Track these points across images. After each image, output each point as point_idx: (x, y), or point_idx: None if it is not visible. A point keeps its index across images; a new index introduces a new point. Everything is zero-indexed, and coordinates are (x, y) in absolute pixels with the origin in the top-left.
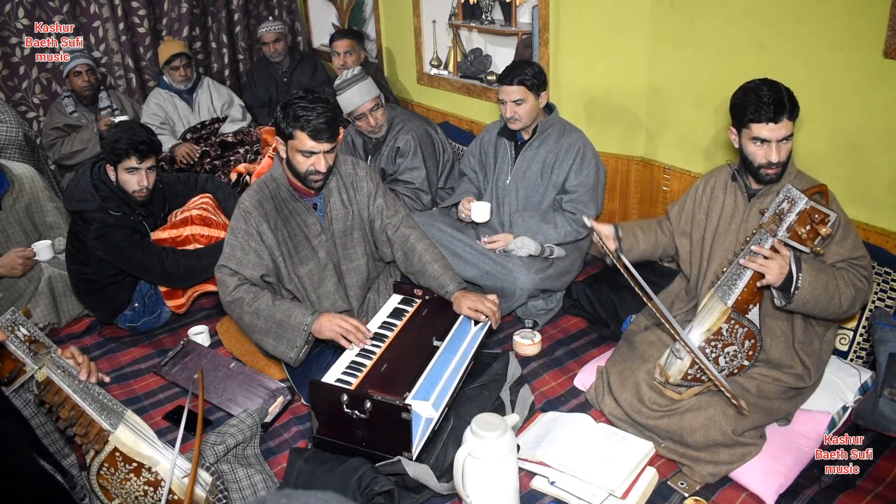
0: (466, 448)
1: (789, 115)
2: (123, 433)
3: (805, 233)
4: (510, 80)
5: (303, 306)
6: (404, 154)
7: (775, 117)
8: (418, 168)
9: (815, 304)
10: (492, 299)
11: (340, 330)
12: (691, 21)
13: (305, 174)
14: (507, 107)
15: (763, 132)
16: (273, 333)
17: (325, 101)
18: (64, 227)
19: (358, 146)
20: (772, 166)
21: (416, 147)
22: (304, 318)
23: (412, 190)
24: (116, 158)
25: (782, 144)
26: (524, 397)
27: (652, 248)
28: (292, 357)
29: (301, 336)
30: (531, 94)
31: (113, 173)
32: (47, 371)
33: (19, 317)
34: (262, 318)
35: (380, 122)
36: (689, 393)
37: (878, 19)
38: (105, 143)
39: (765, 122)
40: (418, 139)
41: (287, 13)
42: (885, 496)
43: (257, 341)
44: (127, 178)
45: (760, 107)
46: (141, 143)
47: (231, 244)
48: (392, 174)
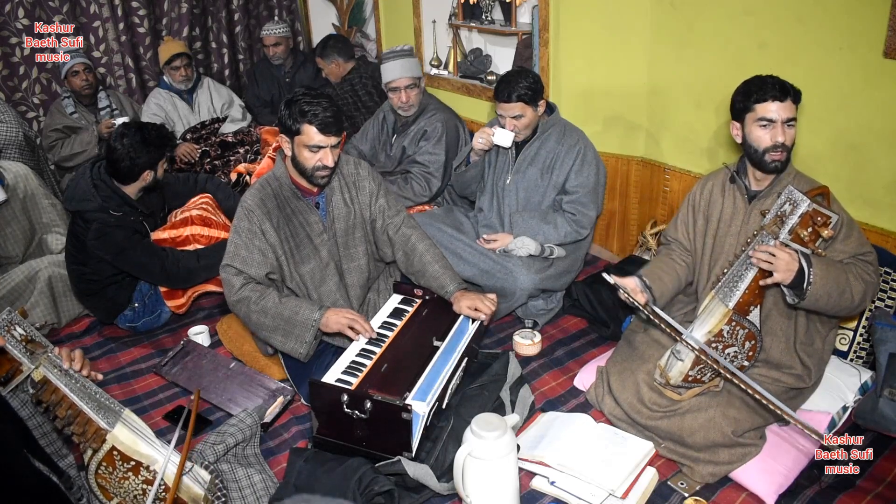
0: (466, 448)
1: (793, 98)
2: (121, 432)
3: (807, 235)
4: (507, 96)
5: (309, 302)
6: (429, 138)
7: (780, 96)
8: (438, 154)
9: (828, 300)
10: (491, 298)
11: (346, 321)
12: (691, 21)
13: (312, 170)
14: (506, 121)
15: (769, 111)
16: (282, 330)
17: (328, 97)
18: (60, 225)
19: (388, 122)
20: (778, 149)
21: (442, 135)
22: (312, 313)
23: (425, 173)
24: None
25: (787, 127)
26: (524, 397)
27: (676, 286)
28: (302, 353)
29: (310, 332)
30: (529, 108)
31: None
32: (44, 370)
33: (15, 316)
34: (270, 317)
35: (411, 101)
36: (689, 394)
37: (878, 19)
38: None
39: (770, 101)
40: (446, 128)
41: (287, 13)
42: (886, 496)
43: (265, 339)
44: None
45: (765, 86)
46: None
47: (235, 243)
48: (411, 155)
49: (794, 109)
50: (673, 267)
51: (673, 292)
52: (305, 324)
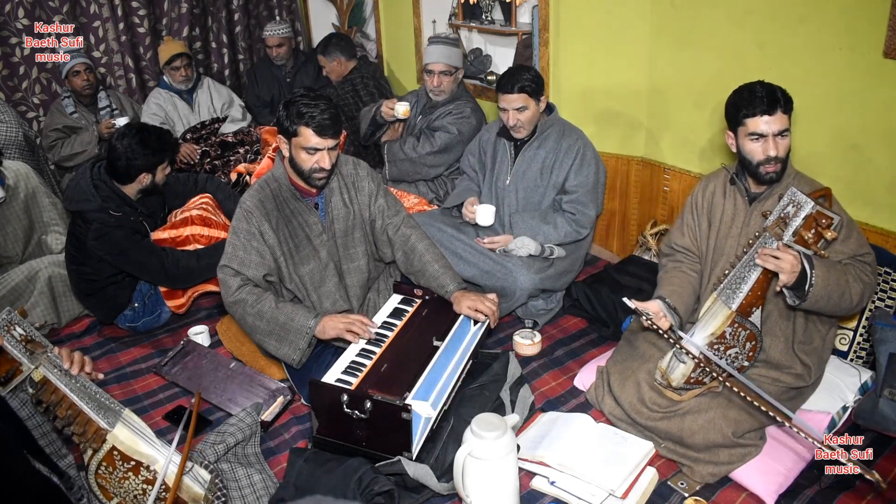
0: (466, 448)
1: (783, 108)
2: (121, 432)
3: (810, 237)
4: (510, 87)
5: (305, 309)
6: (453, 113)
7: (769, 109)
8: (452, 130)
9: (828, 301)
10: (491, 298)
11: (343, 326)
12: (691, 21)
13: (309, 172)
14: (509, 115)
15: (759, 126)
16: (276, 335)
17: (327, 99)
18: (60, 224)
19: (420, 102)
20: (771, 162)
21: (466, 120)
22: (307, 321)
23: (431, 136)
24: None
25: (780, 139)
26: (524, 397)
27: (693, 300)
28: (295, 359)
29: (304, 339)
30: (532, 101)
31: (149, 178)
32: (44, 370)
33: (15, 316)
34: (265, 321)
35: (442, 86)
36: (690, 395)
37: (878, 19)
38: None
39: (759, 115)
40: (470, 117)
41: (287, 13)
42: (886, 496)
43: (259, 342)
44: (160, 175)
45: (754, 100)
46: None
47: (233, 244)
48: (433, 121)
49: (787, 120)
50: (689, 281)
51: (692, 308)
52: (300, 331)
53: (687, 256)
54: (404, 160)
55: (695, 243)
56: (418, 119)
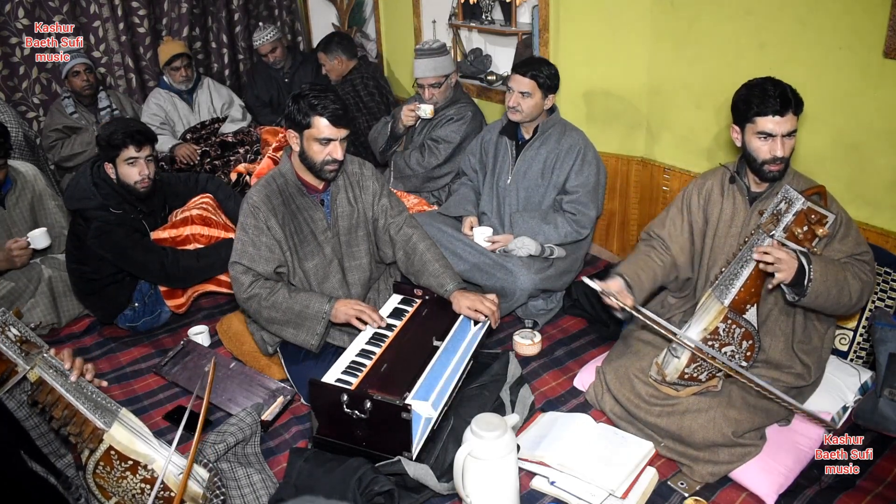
0: (466, 448)
1: (794, 110)
2: (118, 431)
3: (802, 233)
4: (524, 71)
5: (318, 295)
6: (455, 119)
7: (781, 110)
8: (454, 137)
9: (828, 297)
10: (491, 299)
11: (355, 312)
12: (691, 21)
13: (321, 164)
14: (512, 95)
15: (768, 126)
16: (293, 324)
17: (334, 91)
18: (65, 226)
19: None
20: (776, 162)
21: (468, 124)
22: (322, 305)
23: (434, 146)
24: (114, 152)
25: (786, 140)
26: (524, 397)
27: (651, 287)
28: (313, 344)
29: (321, 323)
30: (539, 92)
31: (112, 170)
32: (39, 371)
33: (10, 317)
34: (281, 311)
35: (434, 97)
36: (687, 392)
37: (878, 19)
38: (100, 140)
39: (770, 115)
40: (472, 120)
41: (287, 13)
42: (885, 496)
43: (276, 332)
44: (127, 170)
45: (766, 100)
46: (136, 133)
47: (242, 240)
48: (435, 129)
49: (796, 121)
50: (651, 266)
51: (648, 293)
52: (316, 316)
53: (660, 244)
54: (411, 176)
55: (671, 238)
56: (421, 128)
